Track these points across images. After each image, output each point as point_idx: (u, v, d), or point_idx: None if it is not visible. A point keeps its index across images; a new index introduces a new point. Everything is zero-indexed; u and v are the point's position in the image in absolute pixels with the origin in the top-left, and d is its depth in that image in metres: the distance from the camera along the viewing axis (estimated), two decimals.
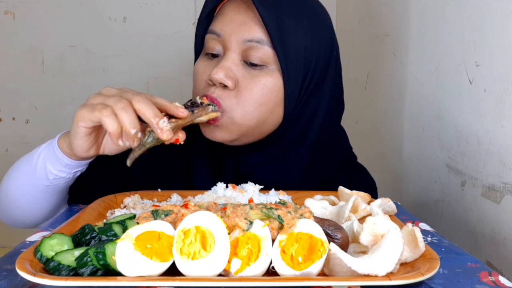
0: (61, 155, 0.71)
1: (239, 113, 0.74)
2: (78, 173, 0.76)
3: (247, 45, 0.73)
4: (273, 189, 0.76)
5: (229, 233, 0.48)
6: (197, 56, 0.83)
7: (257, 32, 0.73)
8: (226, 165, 0.83)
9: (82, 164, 0.74)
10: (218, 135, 0.76)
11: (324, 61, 0.79)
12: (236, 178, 0.80)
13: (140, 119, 0.62)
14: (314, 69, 0.78)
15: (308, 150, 0.81)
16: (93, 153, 0.71)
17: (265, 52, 0.73)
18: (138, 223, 0.53)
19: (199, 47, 0.81)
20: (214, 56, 0.77)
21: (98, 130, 0.69)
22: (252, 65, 0.74)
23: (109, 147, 0.72)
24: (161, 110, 0.64)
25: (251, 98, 0.74)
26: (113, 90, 0.66)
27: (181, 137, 0.65)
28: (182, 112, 0.64)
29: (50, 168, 0.72)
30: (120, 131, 0.61)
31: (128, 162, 0.63)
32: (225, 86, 0.73)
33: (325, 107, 0.81)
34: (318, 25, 0.78)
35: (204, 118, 0.70)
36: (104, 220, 0.58)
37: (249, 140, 0.79)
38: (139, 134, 0.62)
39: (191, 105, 0.69)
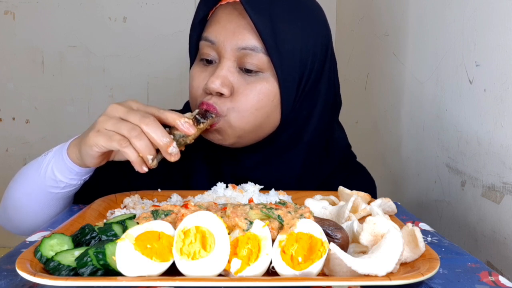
0: (72, 165, 0.71)
1: (235, 117, 0.74)
2: (87, 178, 0.76)
3: (241, 53, 0.73)
4: (273, 189, 0.76)
5: (229, 233, 0.48)
6: (192, 60, 0.82)
7: (251, 39, 0.73)
8: (224, 167, 0.83)
9: (90, 171, 0.75)
10: (216, 137, 0.77)
11: (320, 58, 0.78)
12: (234, 180, 0.80)
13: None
14: (310, 69, 0.77)
15: (305, 147, 0.82)
16: (104, 163, 0.73)
17: (259, 59, 0.73)
18: (138, 223, 0.53)
19: (194, 52, 0.81)
20: (209, 62, 0.77)
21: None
22: (247, 72, 0.74)
23: (119, 156, 0.73)
24: (171, 125, 0.67)
25: (247, 104, 0.74)
26: (120, 110, 0.66)
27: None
28: (189, 129, 0.66)
29: (60, 177, 0.72)
30: (140, 157, 0.64)
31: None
32: (221, 94, 0.74)
33: (321, 104, 0.81)
34: (313, 23, 0.78)
35: (205, 126, 0.72)
36: (104, 220, 0.58)
37: (247, 143, 0.79)
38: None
39: (202, 117, 0.71)
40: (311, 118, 0.80)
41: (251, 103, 0.74)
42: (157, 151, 0.66)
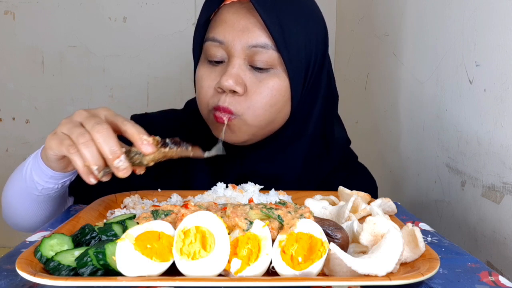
0: (45, 168, 0.69)
1: (250, 115, 0.75)
2: (67, 183, 0.74)
3: (252, 51, 0.74)
4: (273, 189, 0.76)
5: (229, 233, 0.48)
6: (196, 61, 0.82)
7: (261, 36, 0.74)
8: (228, 166, 0.83)
9: (67, 175, 0.72)
10: (231, 136, 0.77)
11: (320, 55, 0.81)
12: (237, 177, 0.80)
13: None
14: (314, 64, 0.80)
15: (308, 140, 0.83)
16: (71, 169, 0.70)
17: (270, 55, 0.74)
18: (138, 223, 0.53)
19: (198, 53, 0.81)
20: (217, 62, 0.77)
21: None
22: (258, 69, 0.75)
23: None
24: (129, 139, 0.61)
25: (261, 101, 0.75)
26: (83, 115, 0.62)
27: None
28: (145, 148, 0.60)
29: (37, 179, 0.71)
30: (87, 166, 0.59)
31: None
32: (234, 92, 0.74)
33: (322, 96, 0.83)
34: (313, 20, 0.80)
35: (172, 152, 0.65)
36: (104, 220, 0.58)
37: (258, 140, 0.80)
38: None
39: (174, 143, 0.64)
40: (314, 110, 0.82)
41: (265, 100, 0.75)
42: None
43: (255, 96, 0.75)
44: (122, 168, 0.59)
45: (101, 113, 0.63)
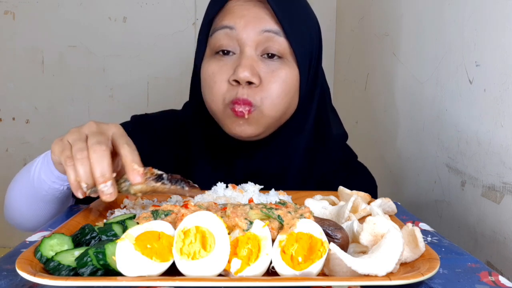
0: (53, 168, 0.69)
1: (268, 105, 0.76)
2: None
3: (264, 36, 0.75)
4: (273, 189, 0.76)
5: (229, 233, 0.48)
6: (199, 60, 0.82)
7: (272, 24, 0.76)
8: (231, 166, 0.83)
9: None
10: (247, 130, 0.77)
11: (318, 49, 0.83)
12: (243, 177, 0.80)
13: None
14: (315, 55, 0.82)
15: (308, 133, 0.84)
16: None
17: (281, 43, 0.76)
18: (138, 223, 0.53)
19: (203, 51, 0.81)
20: (225, 53, 0.77)
21: None
22: (270, 57, 0.76)
23: None
24: (123, 164, 0.62)
25: (277, 91, 0.76)
26: (91, 129, 0.63)
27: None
28: (134, 177, 0.61)
29: (44, 178, 0.71)
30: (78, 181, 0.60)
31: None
32: (250, 84, 0.74)
33: (319, 89, 0.85)
34: (310, 19, 0.82)
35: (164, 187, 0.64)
36: (104, 220, 0.58)
37: (269, 133, 0.81)
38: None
39: (170, 181, 0.63)
40: (313, 103, 0.84)
41: (280, 89, 0.76)
42: None
43: (270, 85, 0.76)
44: (106, 192, 0.60)
45: (110, 131, 0.64)
